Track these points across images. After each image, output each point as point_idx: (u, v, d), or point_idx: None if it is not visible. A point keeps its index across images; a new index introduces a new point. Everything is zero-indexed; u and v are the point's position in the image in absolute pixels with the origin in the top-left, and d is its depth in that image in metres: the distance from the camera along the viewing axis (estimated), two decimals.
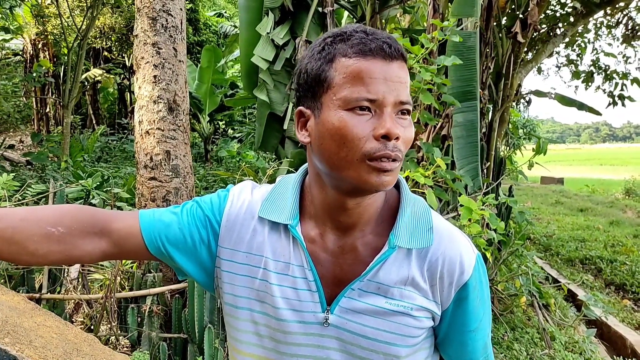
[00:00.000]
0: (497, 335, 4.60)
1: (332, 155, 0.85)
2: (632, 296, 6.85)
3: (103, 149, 13.88)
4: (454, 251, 0.93)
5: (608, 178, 26.58)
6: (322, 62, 0.86)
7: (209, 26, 18.53)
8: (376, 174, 0.83)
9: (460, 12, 4.28)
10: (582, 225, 11.11)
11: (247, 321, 0.97)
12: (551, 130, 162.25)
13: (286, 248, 0.95)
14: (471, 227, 3.27)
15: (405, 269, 0.92)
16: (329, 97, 0.85)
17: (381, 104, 0.83)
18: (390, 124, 0.82)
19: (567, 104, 6.99)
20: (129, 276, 3.82)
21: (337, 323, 0.92)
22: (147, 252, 0.96)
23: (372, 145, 0.82)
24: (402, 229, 0.92)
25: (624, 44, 9.53)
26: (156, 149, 3.78)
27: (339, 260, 0.94)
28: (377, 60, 0.83)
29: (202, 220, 0.98)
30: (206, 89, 13.32)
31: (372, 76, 0.82)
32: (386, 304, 0.91)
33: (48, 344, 1.67)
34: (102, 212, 0.97)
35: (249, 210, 0.98)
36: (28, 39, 14.54)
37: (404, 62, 0.87)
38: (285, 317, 0.93)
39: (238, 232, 0.97)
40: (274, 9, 5.49)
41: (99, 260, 0.97)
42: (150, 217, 0.98)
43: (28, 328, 1.74)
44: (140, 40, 3.84)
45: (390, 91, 0.83)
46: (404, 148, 0.85)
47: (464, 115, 4.44)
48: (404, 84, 0.85)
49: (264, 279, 0.95)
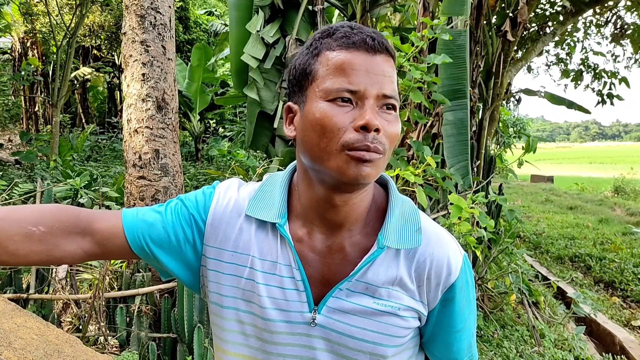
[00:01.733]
0: (487, 333, 4.61)
1: (313, 147, 0.85)
2: (621, 293, 6.91)
3: (93, 148, 13.79)
4: (442, 252, 0.93)
5: (597, 176, 26.81)
6: (309, 57, 0.88)
7: (200, 24, 18.44)
8: (355, 164, 0.82)
9: (450, 10, 4.28)
10: (572, 223, 11.20)
11: (233, 321, 0.96)
12: (541, 128, 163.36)
13: (273, 247, 0.94)
14: (461, 226, 3.28)
15: (394, 270, 0.91)
16: (313, 89, 0.86)
17: (363, 95, 0.82)
18: (369, 116, 0.81)
19: (556, 102, 7.01)
20: (118, 276, 3.80)
21: (324, 323, 0.92)
22: (131, 251, 0.95)
23: (350, 135, 0.81)
24: (391, 230, 0.92)
25: (612, 42, 9.59)
26: (145, 148, 3.76)
27: (327, 260, 0.93)
28: (360, 53, 0.83)
29: (186, 218, 0.97)
30: (196, 87, 13.26)
31: (353, 67, 0.82)
32: (374, 304, 0.91)
33: (28, 345, 1.64)
34: (85, 212, 0.95)
35: (236, 208, 0.97)
36: (16, 37, 14.42)
37: (390, 57, 0.87)
38: (271, 316, 0.92)
39: (224, 231, 0.96)
40: (264, 7, 5.47)
41: (82, 261, 0.95)
42: (133, 216, 0.96)
43: (7, 329, 1.71)
44: (128, 38, 3.81)
45: (373, 84, 0.83)
46: (388, 142, 0.84)
47: (454, 113, 4.45)
48: (389, 78, 0.85)
49: (251, 278, 0.94)
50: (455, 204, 3.25)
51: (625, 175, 20.65)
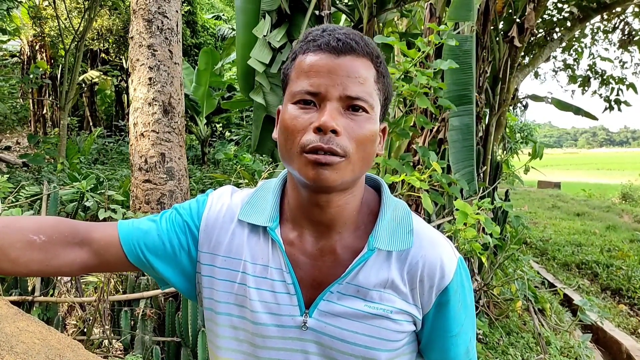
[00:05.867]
0: (493, 340, 4.59)
1: (282, 149, 0.88)
2: (628, 301, 6.86)
3: (100, 151, 13.84)
4: (435, 255, 0.92)
5: (605, 182, 26.64)
6: (289, 62, 0.91)
7: (207, 28, 18.51)
8: (312, 167, 0.82)
9: (457, 16, 4.27)
10: (579, 229, 11.13)
11: (226, 326, 0.96)
12: (548, 134, 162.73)
13: (265, 251, 0.94)
14: (467, 231, 3.26)
15: (385, 272, 0.91)
16: (287, 93, 0.89)
17: (324, 97, 0.83)
18: (325, 117, 0.81)
19: (563, 108, 7.00)
20: (123, 279, 3.80)
21: (315, 327, 0.91)
22: (127, 261, 0.96)
23: (307, 137, 0.82)
24: (382, 232, 0.91)
25: (620, 49, 9.56)
26: (151, 152, 3.77)
27: (318, 263, 0.93)
28: (324, 55, 0.84)
29: (180, 226, 0.98)
30: (203, 91, 13.30)
31: (315, 69, 0.84)
32: (365, 307, 0.90)
33: (30, 349, 1.64)
34: (82, 223, 0.96)
35: (228, 213, 0.98)
36: (25, 40, 14.52)
37: (364, 57, 0.86)
38: (263, 320, 0.92)
39: (217, 236, 0.97)
40: (271, 11, 5.48)
41: (79, 273, 0.96)
42: (128, 226, 0.97)
43: (9, 333, 1.72)
44: (135, 42, 3.83)
45: (335, 85, 0.83)
46: (352, 145, 0.84)
47: (460, 119, 4.43)
48: (355, 79, 0.84)
49: (243, 282, 0.94)
50: (460, 209, 3.24)
51: (633, 181, 20.51)
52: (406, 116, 3.80)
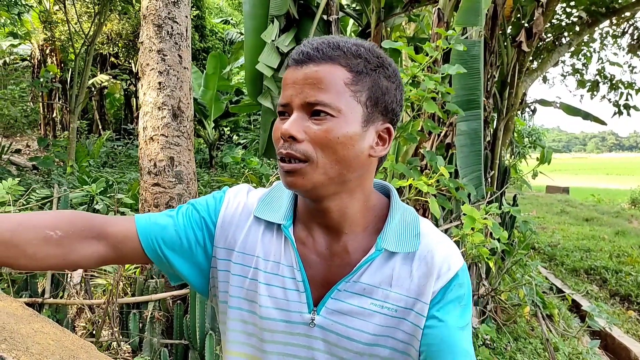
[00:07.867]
0: (500, 345, 4.57)
1: None
2: (637, 307, 6.80)
3: (109, 154, 13.92)
4: (441, 256, 0.94)
5: (614, 188, 26.47)
6: None
7: (215, 33, 18.62)
8: (284, 175, 0.89)
9: (465, 21, 4.27)
10: (588, 235, 11.06)
11: (237, 320, 0.99)
12: (557, 139, 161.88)
13: (278, 248, 0.97)
14: (474, 236, 3.26)
15: (391, 271, 0.93)
16: None
17: (290, 107, 0.88)
18: (285, 125, 0.87)
19: (572, 113, 6.97)
20: (132, 282, 3.83)
21: (323, 324, 0.94)
22: (144, 255, 0.97)
23: (278, 145, 0.89)
24: (390, 233, 0.94)
25: (629, 53, 9.52)
26: (160, 155, 3.80)
27: (328, 263, 0.96)
28: (291, 68, 0.89)
29: (197, 221, 1.00)
30: (211, 95, 13.37)
31: (285, 82, 0.90)
32: (371, 305, 0.92)
33: (45, 350, 1.67)
34: (99, 217, 0.98)
35: (245, 211, 1.01)
36: (36, 44, 14.65)
37: (326, 63, 0.87)
38: (272, 316, 0.95)
39: (233, 232, 0.99)
40: (279, 16, 5.51)
41: (96, 265, 0.98)
42: (146, 220, 0.99)
43: (25, 334, 1.74)
44: (145, 47, 3.86)
45: (297, 94, 0.87)
46: (314, 148, 0.86)
47: (467, 123, 4.43)
48: (314, 85, 0.85)
49: (254, 278, 0.97)
50: (468, 214, 3.23)
51: None
52: (414, 121, 3.81)
